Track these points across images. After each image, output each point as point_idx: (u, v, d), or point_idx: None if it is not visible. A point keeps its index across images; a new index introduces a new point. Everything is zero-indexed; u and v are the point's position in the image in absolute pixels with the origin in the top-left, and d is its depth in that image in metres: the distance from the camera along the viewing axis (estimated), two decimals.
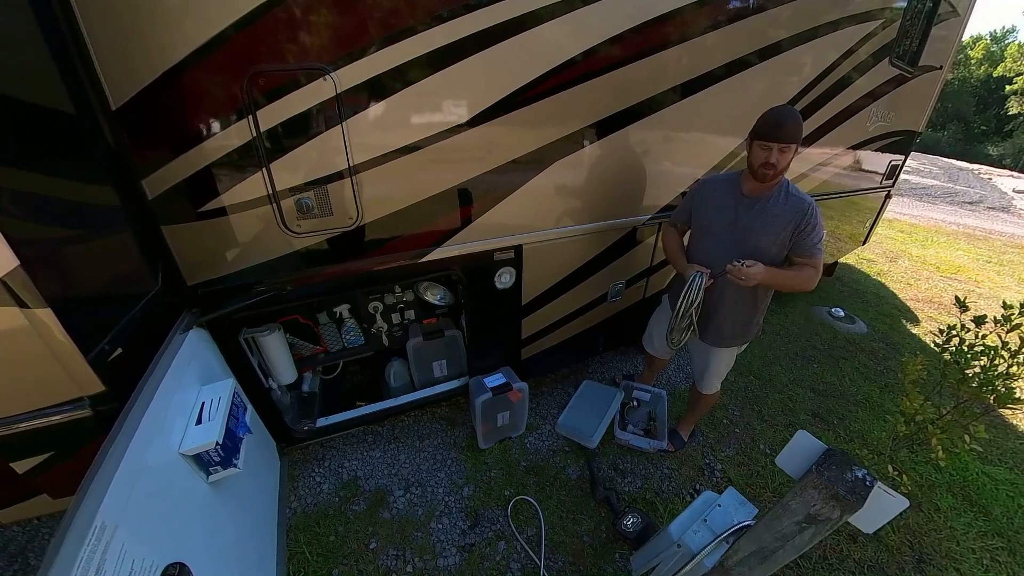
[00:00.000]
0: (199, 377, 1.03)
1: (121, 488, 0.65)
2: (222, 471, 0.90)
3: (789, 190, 1.19)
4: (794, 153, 1.10)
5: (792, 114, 1.09)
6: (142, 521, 0.69)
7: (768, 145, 1.08)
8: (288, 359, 1.45)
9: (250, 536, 1.09)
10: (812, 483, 0.60)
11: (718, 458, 1.79)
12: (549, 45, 1.13)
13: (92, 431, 0.85)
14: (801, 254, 1.19)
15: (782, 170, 1.11)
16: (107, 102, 0.84)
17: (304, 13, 0.88)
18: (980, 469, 1.86)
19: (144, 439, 0.75)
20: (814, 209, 1.15)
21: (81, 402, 0.81)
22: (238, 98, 0.89)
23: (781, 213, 1.15)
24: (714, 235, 1.27)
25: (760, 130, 1.11)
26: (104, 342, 0.83)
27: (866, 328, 2.97)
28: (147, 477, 0.73)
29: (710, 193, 1.29)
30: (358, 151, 1.02)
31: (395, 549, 1.38)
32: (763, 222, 1.17)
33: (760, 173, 1.12)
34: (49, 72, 0.77)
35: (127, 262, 0.97)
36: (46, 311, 0.70)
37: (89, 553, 0.56)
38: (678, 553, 0.81)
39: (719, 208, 1.25)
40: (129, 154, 0.90)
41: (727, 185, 1.26)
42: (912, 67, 2.46)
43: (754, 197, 1.19)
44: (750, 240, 1.19)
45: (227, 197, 0.99)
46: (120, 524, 0.62)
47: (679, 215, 1.40)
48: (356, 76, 0.96)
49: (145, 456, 0.74)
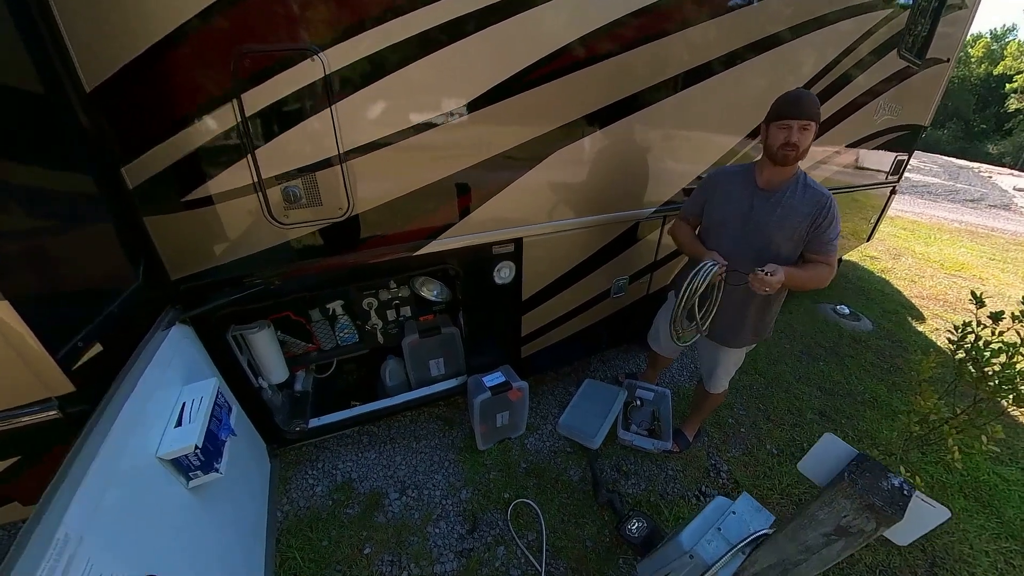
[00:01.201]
0: (182, 376, 0.98)
1: (89, 496, 0.60)
2: (203, 476, 0.85)
3: (806, 182, 1.13)
4: (814, 135, 1.04)
5: (808, 92, 1.05)
6: (112, 532, 0.64)
7: (787, 124, 1.03)
8: (279, 357, 1.40)
9: (237, 543, 1.04)
10: (844, 492, 0.54)
11: (724, 459, 1.74)
12: (553, 25, 1.08)
13: (63, 434, 0.79)
14: (817, 250, 1.13)
15: (803, 151, 1.06)
16: (80, 83, 0.78)
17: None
18: (992, 470, 1.81)
19: (117, 442, 0.69)
20: (832, 202, 1.09)
21: (49, 403, 0.75)
22: (222, 80, 0.84)
23: (798, 206, 1.10)
24: (727, 229, 1.21)
25: (778, 110, 1.06)
26: (77, 339, 0.77)
27: (871, 326, 2.92)
28: (120, 483, 0.68)
29: (723, 185, 1.23)
30: (349, 137, 0.97)
31: (390, 555, 1.32)
32: (779, 215, 1.11)
33: (780, 155, 1.06)
34: (14, 48, 0.71)
35: (105, 255, 0.91)
36: (3, 305, 0.65)
37: (49, 568, 0.51)
38: (690, 564, 0.76)
39: (732, 201, 1.19)
40: (107, 140, 0.84)
41: (741, 177, 1.20)
42: (920, 60, 2.41)
43: (770, 190, 1.13)
44: (765, 234, 1.14)
45: (212, 185, 0.93)
46: (86, 535, 0.57)
47: (690, 208, 1.34)
48: (346, 57, 0.90)
49: (118, 461, 0.69)
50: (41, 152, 0.79)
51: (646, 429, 1.77)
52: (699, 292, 1.17)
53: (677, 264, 1.96)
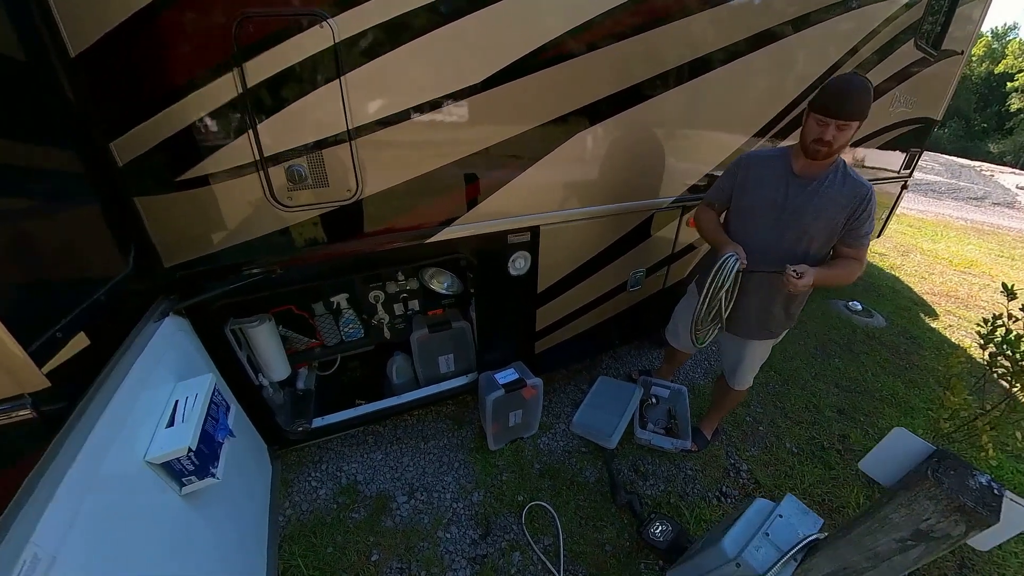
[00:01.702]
0: (175, 372, 0.90)
1: (63, 508, 0.53)
2: (198, 482, 0.77)
3: (847, 171, 1.05)
4: (855, 131, 0.95)
5: (860, 86, 0.93)
6: (92, 548, 0.56)
7: (826, 120, 0.94)
8: (280, 353, 1.33)
9: (236, 552, 0.96)
10: (927, 492, 0.48)
11: (743, 458, 1.68)
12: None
13: (39, 436, 0.72)
14: (849, 243, 1.08)
15: (838, 149, 0.98)
16: (65, 47, 0.71)
17: None
18: (1015, 467, 1.76)
19: (99, 445, 0.62)
20: (872, 195, 1.03)
21: (21, 400, 0.68)
22: (223, 46, 0.76)
23: (837, 197, 1.03)
24: (759, 216, 1.13)
25: (820, 102, 0.96)
26: (55, 330, 0.70)
27: (884, 322, 2.87)
28: (102, 492, 0.60)
29: (756, 169, 1.15)
30: (358, 112, 0.90)
31: (399, 561, 1.26)
32: (816, 205, 1.04)
33: (812, 149, 0.99)
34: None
35: (90, 239, 0.83)
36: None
37: None
38: (736, 573, 0.69)
39: (766, 186, 1.11)
40: (94, 112, 0.77)
41: (776, 161, 1.12)
42: (935, 51, 2.36)
43: (808, 177, 1.06)
44: (800, 223, 1.07)
45: (209, 164, 0.86)
46: (60, 554, 0.50)
47: (717, 193, 1.26)
48: (359, 23, 0.83)
49: (99, 466, 0.62)
50: (19, 124, 0.72)
51: (663, 428, 1.71)
52: (725, 288, 1.11)
53: (693, 258, 1.90)
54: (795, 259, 1.08)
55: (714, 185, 1.28)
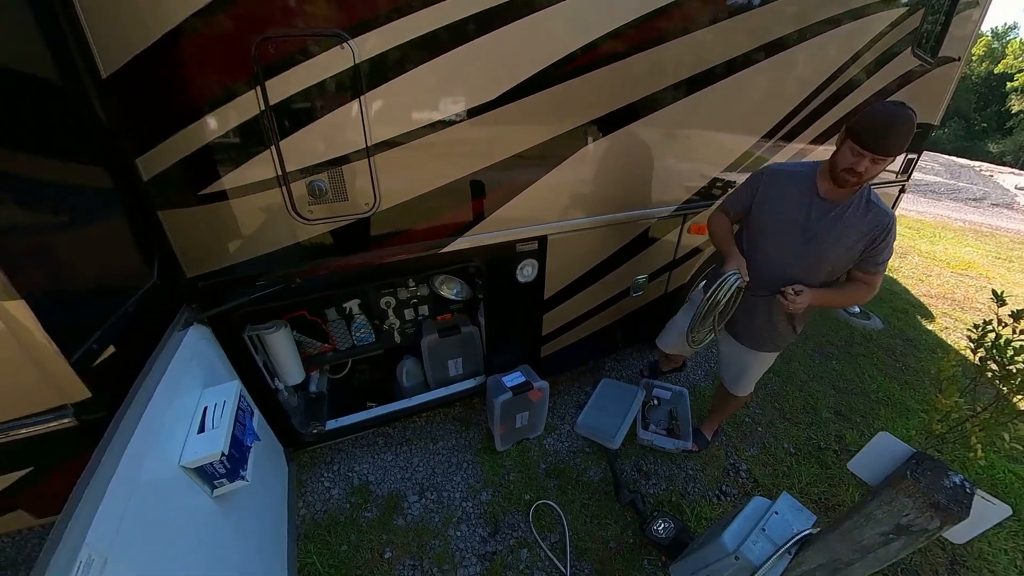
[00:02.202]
0: (200, 379, 0.95)
1: (111, 512, 0.56)
2: (228, 484, 0.82)
3: (871, 198, 1.03)
4: (889, 163, 0.94)
5: (905, 120, 0.86)
6: (137, 548, 0.60)
7: (862, 152, 0.90)
8: (295, 358, 1.37)
9: (258, 551, 1.01)
10: (906, 490, 0.53)
11: (742, 458, 1.73)
12: (590, 17, 1.05)
13: (78, 443, 0.76)
14: (864, 268, 1.07)
15: (868, 180, 0.96)
16: (97, 69, 0.75)
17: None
18: (1007, 468, 1.81)
19: (138, 452, 0.66)
20: (893, 223, 1.02)
21: (64, 410, 0.71)
22: (245, 67, 0.80)
23: (859, 224, 1.01)
24: (777, 235, 1.10)
25: (859, 132, 0.90)
26: (91, 341, 0.73)
27: (882, 324, 2.92)
28: (142, 496, 0.64)
29: (780, 185, 1.11)
30: (377, 129, 0.94)
31: (412, 559, 1.30)
32: (838, 231, 1.02)
33: (841, 178, 0.96)
34: (30, 32, 0.68)
35: (119, 251, 0.87)
36: (19, 304, 0.61)
37: None
38: (735, 566, 0.74)
39: (788, 204, 1.08)
40: (121, 129, 0.81)
41: (801, 179, 1.08)
42: (932, 58, 2.40)
43: (832, 201, 1.03)
44: (819, 247, 1.04)
45: (232, 179, 0.90)
46: (111, 555, 0.54)
47: (736, 202, 1.21)
48: (378, 45, 0.87)
49: (139, 472, 0.65)
50: (57, 143, 0.75)
51: (664, 428, 1.75)
52: (720, 304, 1.12)
53: (695, 263, 1.94)
54: (808, 281, 1.06)
55: (733, 192, 1.25)
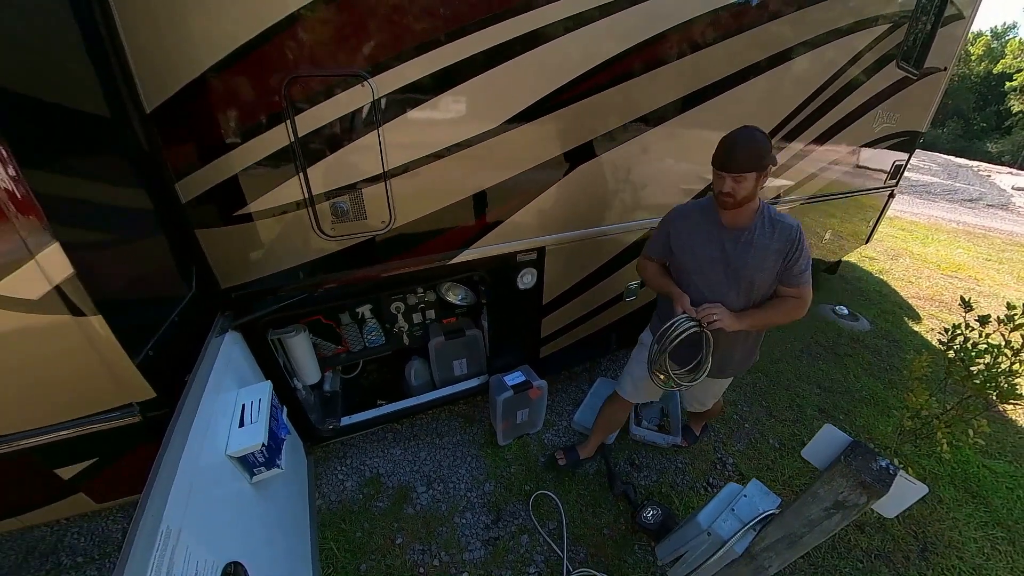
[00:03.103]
0: (236, 380, 1.05)
1: (181, 492, 0.67)
2: (266, 472, 0.93)
3: (772, 216, 1.04)
4: (759, 179, 0.95)
5: (745, 140, 0.93)
6: (200, 523, 0.71)
7: (721, 174, 0.96)
8: (313, 359, 1.48)
9: (288, 534, 1.12)
10: (840, 472, 0.64)
11: (729, 452, 1.84)
12: (573, 55, 1.15)
13: (139, 437, 0.87)
14: (788, 283, 1.05)
15: (744, 199, 0.97)
16: (142, 104, 0.84)
17: (343, 19, 0.90)
18: (981, 463, 1.92)
19: (196, 443, 0.76)
20: (801, 233, 1.03)
21: (130, 408, 0.83)
22: (275, 103, 0.91)
23: (771, 244, 1.02)
24: (702, 274, 1.10)
25: (715, 157, 0.98)
26: (147, 348, 0.85)
27: (869, 325, 3.02)
28: (200, 480, 0.74)
29: (686, 225, 1.12)
30: (393, 156, 1.05)
31: (421, 544, 1.41)
32: (756, 257, 1.03)
33: (721, 201, 1.00)
34: (88, 77, 0.78)
35: (163, 267, 0.98)
36: (98, 318, 0.72)
37: (159, 557, 0.57)
38: (707, 541, 0.86)
39: (702, 243, 1.08)
40: (162, 157, 0.90)
41: (703, 215, 1.10)
42: (917, 69, 2.49)
43: (737, 228, 1.04)
44: (746, 278, 1.05)
45: (263, 201, 1.01)
46: (183, 527, 0.64)
47: (655, 248, 1.22)
48: (394, 82, 0.98)
49: (198, 460, 0.75)
50: (111, 171, 0.86)
51: (656, 425, 1.87)
52: (668, 351, 1.05)
53: None
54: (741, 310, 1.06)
55: (651, 239, 1.25)
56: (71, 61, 0.76)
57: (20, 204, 0.61)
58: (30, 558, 1.32)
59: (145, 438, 0.85)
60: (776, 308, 1.08)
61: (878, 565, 1.46)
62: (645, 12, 1.20)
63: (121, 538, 1.39)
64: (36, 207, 0.62)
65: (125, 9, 0.77)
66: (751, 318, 1.05)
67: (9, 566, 1.30)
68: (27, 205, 0.62)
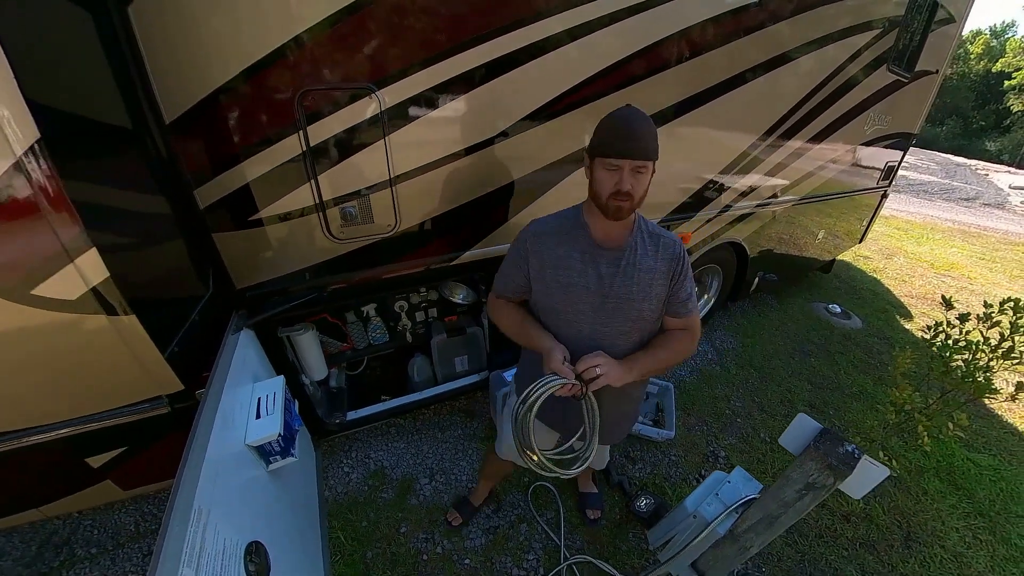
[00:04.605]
0: (250, 375, 1.11)
1: (208, 476, 0.72)
2: (281, 460, 0.99)
3: (651, 229, 0.85)
4: (651, 176, 0.74)
5: (643, 120, 0.73)
6: (226, 505, 0.76)
7: (616, 164, 0.72)
8: (320, 356, 1.54)
9: (300, 520, 1.18)
10: (810, 456, 0.70)
11: (721, 445, 1.91)
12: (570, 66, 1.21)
13: (166, 427, 0.93)
14: (676, 314, 0.85)
15: (639, 201, 0.75)
16: (161, 116, 0.90)
17: (352, 36, 0.95)
18: (965, 456, 1.98)
19: (219, 432, 0.81)
20: (684, 248, 0.84)
21: (159, 400, 0.89)
22: (288, 114, 0.96)
23: (656, 264, 0.81)
24: (574, 314, 0.82)
25: (606, 141, 0.73)
26: (173, 344, 0.91)
27: (861, 324, 3.08)
28: (223, 467, 0.80)
29: (550, 248, 0.83)
30: (398, 163, 1.11)
31: (424, 532, 1.48)
32: (640, 283, 0.80)
33: (612, 207, 0.74)
34: (113, 93, 0.83)
35: (184, 268, 1.04)
36: (131, 317, 0.78)
37: (193, 533, 0.63)
38: (693, 523, 0.92)
39: (572, 271, 0.81)
40: (181, 166, 0.96)
41: (571, 234, 0.82)
42: (908, 72, 2.55)
43: (615, 246, 0.81)
44: (631, 310, 0.81)
45: (276, 207, 1.07)
46: (212, 508, 0.70)
47: (510, 281, 0.90)
48: (400, 94, 1.03)
49: (222, 448, 0.81)
50: (137, 180, 0.93)
51: (651, 420, 1.93)
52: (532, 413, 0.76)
53: None
54: (629, 352, 0.83)
55: (501, 270, 0.92)
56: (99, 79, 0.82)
57: (61, 212, 0.67)
58: (44, 549, 1.37)
59: (171, 428, 0.91)
60: (666, 347, 0.84)
61: (862, 553, 1.53)
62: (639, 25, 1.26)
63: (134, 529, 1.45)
64: (76, 215, 0.68)
65: (146, 32, 0.82)
66: (641, 365, 0.80)
67: (28, 558, 1.35)
68: (68, 213, 0.68)
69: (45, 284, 0.71)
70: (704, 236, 2.07)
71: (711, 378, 2.32)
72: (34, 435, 0.85)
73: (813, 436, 0.74)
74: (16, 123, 0.62)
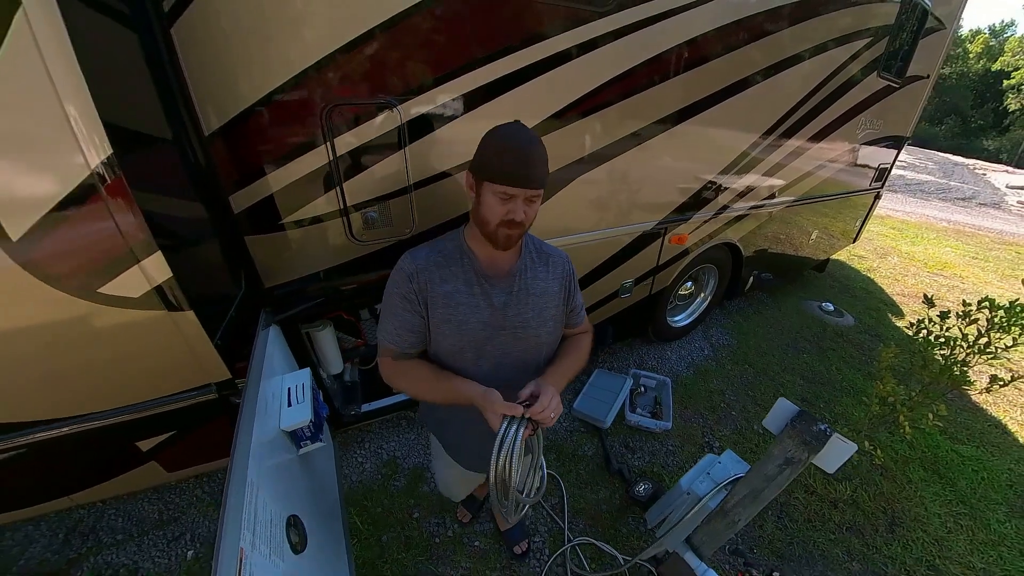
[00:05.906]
0: (279, 367, 1.21)
1: (255, 455, 0.81)
2: (311, 445, 1.08)
3: (539, 246, 0.83)
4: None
5: (537, 141, 0.68)
6: (269, 482, 0.85)
7: (511, 192, 0.67)
8: (337, 351, 1.63)
9: (323, 503, 1.28)
10: (788, 434, 0.80)
11: (716, 436, 2.00)
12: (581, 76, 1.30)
13: (211, 412, 1.03)
14: (574, 324, 0.86)
15: (529, 224, 0.72)
16: (200, 128, 0.98)
17: (376, 56, 1.04)
18: (950, 447, 2.08)
19: (261, 418, 0.91)
20: (570, 263, 0.85)
21: (208, 387, 0.99)
22: (317, 127, 1.05)
23: (549, 285, 0.79)
24: (475, 352, 0.77)
25: (496, 168, 0.67)
26: (217, 337, 1.01)
27: (853, 321, 3.18)
28: (264, 448, 0.88)
29: (435, 288, 0.76)
30: (416, 171, 1.20)
31: (436, 517, 1.57)
32: (534, 307, 0.77)
33: (502, 236, 0.70)
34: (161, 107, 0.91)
35: (222, 268, 1.14)
36: (190, 313, 0.88)
37: (248, 501, 0.71)
38: (687, 500, 1.01)
39: (461, 307, 0.75)
40: (217, 174, 1.04)
41: (451, 266, 0.76)
42: (899, 78, 2.64)
43: (503, 274, 0.77)
44: (533, 339, 0.78)
45: (304, 211, 1.15)
46: (260, 484, 0.79)
47: (404, 334, 0.80)
48: (418, 108, 1.12)
49: (263, 431, 0.90)
50: (185, 188, 1.02)
51: (649, 412, 2.03)
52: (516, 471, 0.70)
53: (675, 268, 2.20)
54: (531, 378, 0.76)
55: (388, 326, 0.81)
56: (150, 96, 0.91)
57: (134, 219, 0.77)
58: (72, 537, 1.46)
59: (216, 413, 1.00)
60: (577, 353, 0.84)
61: (849, 536, 1.63)
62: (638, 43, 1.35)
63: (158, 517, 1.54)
64: (143, 222, 0.78)
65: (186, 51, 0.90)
66: (561, 376, 0.78)
67: (56, 545, 1.43)
68: (138, 220, 0.77)
69: (112, 283, 0.80)
70: (701, 236, 2.16)
71: (707, 373, 2.41)
72: (97, 420, 0.95)
73: (791, 417, 0.84)
74: (94, 140, 0.71)
